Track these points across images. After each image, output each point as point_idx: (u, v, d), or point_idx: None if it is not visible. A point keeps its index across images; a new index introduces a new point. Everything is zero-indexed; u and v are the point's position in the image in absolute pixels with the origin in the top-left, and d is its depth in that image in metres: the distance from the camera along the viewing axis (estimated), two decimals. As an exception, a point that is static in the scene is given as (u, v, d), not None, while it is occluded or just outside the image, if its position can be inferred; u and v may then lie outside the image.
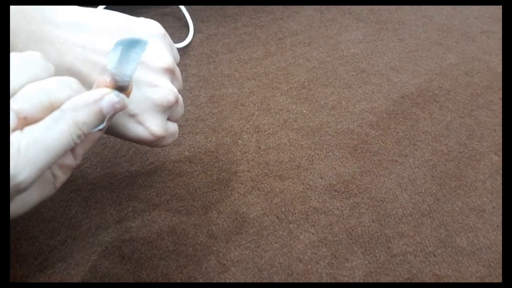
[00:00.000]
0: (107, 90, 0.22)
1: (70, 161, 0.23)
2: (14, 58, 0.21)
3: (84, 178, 0.37)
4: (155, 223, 0.34)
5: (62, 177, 0.23)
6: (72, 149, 0.23)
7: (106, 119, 0.22)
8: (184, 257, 0.32)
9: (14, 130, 0.19)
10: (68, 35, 0.25)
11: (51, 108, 0.21)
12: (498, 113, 0.44)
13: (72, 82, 0.22)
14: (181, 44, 0.51)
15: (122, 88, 0.23)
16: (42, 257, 0.31)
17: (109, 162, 0.38)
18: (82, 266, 0.31)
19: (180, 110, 0.30)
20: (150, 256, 0.32)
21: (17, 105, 0.19)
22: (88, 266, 0.31)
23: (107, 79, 0.22)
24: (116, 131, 0.27)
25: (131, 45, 0.22)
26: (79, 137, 0.21)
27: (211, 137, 0.41)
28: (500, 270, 0.31)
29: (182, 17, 0.56)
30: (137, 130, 0.27)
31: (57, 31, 0.25)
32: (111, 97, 0.22)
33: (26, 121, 0.20)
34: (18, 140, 0.19)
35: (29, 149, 0.19)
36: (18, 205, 0.21)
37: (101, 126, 0.22)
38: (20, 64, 0.21)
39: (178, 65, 0.48)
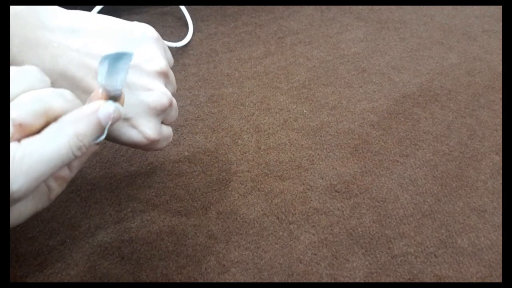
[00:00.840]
0: (102, 101, 0.22)
1: (65, 173, 0.24)
2: (11, 69, 0.21)
3: (83, 178, 0.37)
4: (155, 223, 0.34)
5: (57, 189, 0.24)
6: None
7: (106, 130, 0.22)
8: (184, 258, 0.31)
9: (11, 137, 0.19)
10: (62, 39, 0.25)
11: (46, 115, 0.21)
12: (500, 113, 0.44)
13: (67, 93, 0.22)
14: (181, 43, 0.51)
15: (115, 98, 0.23)
16: (42, 257, 0.31)
17: (108, 162, 0.38)
18: (82, 266, 0.31)
19: (174, 113, 0.30)
20: (150, 256, 0.32)
21: (12, 112, 0.20)
22: (87, 266, 0.31)
23: (99, 91, 0.23)
24: (110, 135, 0.27)
25: (117, 57, 0.23)
26: (79, 149, 0.21)
27: (210, 137, 0.41)
28: (501, 270, 0.31)
29: (181, 17, 0.56)
30: (131, 134, 0.27)
31: (51, 35, 0.24)
32: (107, 107, 0.22)
33: (22, 128, 0.20)
34: (13, 151, 0.19)
35: (24, 160, 0.19)
36: (14, 216, 0.22)
37: (101, 138, 0.23)
38: (16, 75, 0.21)
39: (177, 64, 0.49)
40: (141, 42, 0.27)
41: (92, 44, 0.25)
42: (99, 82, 0.23)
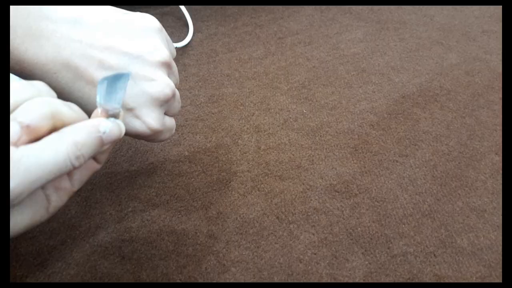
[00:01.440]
0: (102, 118, 0.23)
1: (66, 184, 0.24)
2: (21, 82, 0.21)
3: (83, 178, 0.37)
4: (155, 223, 0.34)
5: (57, 201, 0.23)
6: (68, 173, 0.23)
7: (107, 143, 0.23)
8: (184, 257, 0.32)
9: (19, 139, 0.20)
10: (65, 30, 0.25)
11: (53, 118, 0.21)
12: (499, 113, 0.44)
13: (73, 105, 0.23)
14: (181, 44, 0.51)
15: (114, 116, 0.24)
16: (42, 257, 0.31)
17: (108, 162, 0.38)
18: (82, 266, 0.31)
19: (177, 104, 0.30)
20: (150, 256, 0.32)
21: (20, 115, 0.20)
22: (87, 266, 0.31)
23: (98, 110, 0.23)
24: None
25: (116, 78, 0.23)
26: (77, 158, 0.21)
27: (211, 137, 0.41)
28: (501, 270, 0.31)
29: (182, 17, 0.56)
30: (134, 124, 0.27)
31: (54, 26, 0.25)
32: (107, 122, 0.23)
33: (29, 130, 0.20)
34: (11, 152, 0.19)
35: (21, 161, 0.19)
36: (10, 226, 0.21)
37: (107, 129, 0.23)
38: (24, 84, 0.21)
39: (177, 64, 0.49)
40: (144, 33, 0.27)
41: (95, 36, 0.26)
42: (98, 103, 0.23)
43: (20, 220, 0.22)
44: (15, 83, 0.21)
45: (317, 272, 0.31)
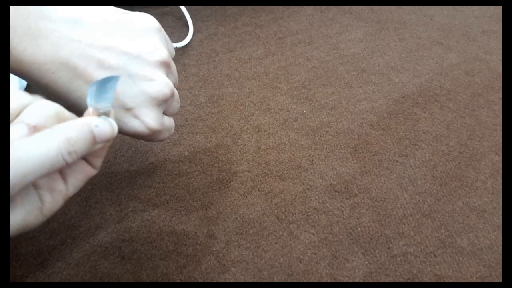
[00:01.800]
0: (95, 117, 0.23)
1: (60, 186, 0.23)
2: (18, 90, 0.22)
3: (83, 178, 0.37)
4: (155, 223, 0.34)
5: (50, 202, 0.23)
6: (63, 175, 0.23)
7: (100, 141, 0.23)
8: (184, 257, 0.32)
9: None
10: (64, 29, 0.25)
11: (57, 118, 0.21)
12: (499, 113, 0.44)
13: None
14: (181, 44, 0.51)
15: (105, 114, 0.24)
16: (42, 257, 0.31)
17: (108, 162, 0.38)
18: (82, 266, 0.31)
19: (176, 104, 0.30)
20: (150, 256, 0.32)
21: (26, 117, 0.21)
22: (87, 266, 0.31)
23: (89, 110, 0.24)
24: None
25: (106, 80, 0.24)
26: (69, 153, 0.21)
27: (211, 137, 0.41)
28: (501, 270, 0.31)
29: (182, 17, 0.56)
30: (133, 124, 0.27)
31: (53, 25, 0.25)
32: (99, 120, 0.23)
33: (36, 130, 0.21)
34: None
35: (12, 156, 0.19)
36: None
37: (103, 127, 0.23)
38: (23, 92, 0.22)
39: (177, 64, 0.49)
40: (143, 33, 0.27)
41: (95, 35, 0.26)
42: (88, 103, 0.23)
43: (12, 219, 0.21)
44: (15, 91, 0.22)
45: (317, 272, 0.31)
